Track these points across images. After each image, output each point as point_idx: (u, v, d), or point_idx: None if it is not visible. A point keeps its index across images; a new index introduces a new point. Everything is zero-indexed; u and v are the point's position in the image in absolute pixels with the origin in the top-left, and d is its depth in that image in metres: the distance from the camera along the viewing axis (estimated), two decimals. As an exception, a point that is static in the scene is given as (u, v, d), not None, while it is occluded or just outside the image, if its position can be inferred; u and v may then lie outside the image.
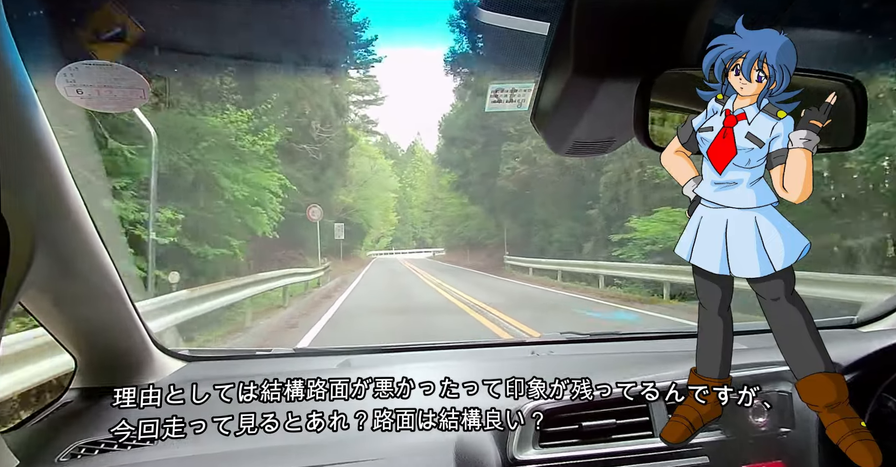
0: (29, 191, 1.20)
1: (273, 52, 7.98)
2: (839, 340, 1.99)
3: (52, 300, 1.44)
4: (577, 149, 1.32)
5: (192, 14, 4.39)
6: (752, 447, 1.43)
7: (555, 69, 1.13)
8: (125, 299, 1.59)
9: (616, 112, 1.13)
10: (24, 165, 1.17)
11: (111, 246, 1.50)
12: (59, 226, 1.31)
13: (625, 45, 1.04)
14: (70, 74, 1.54)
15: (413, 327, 9.23)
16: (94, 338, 1.63)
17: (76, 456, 1.37)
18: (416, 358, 2.16)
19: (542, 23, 1.32)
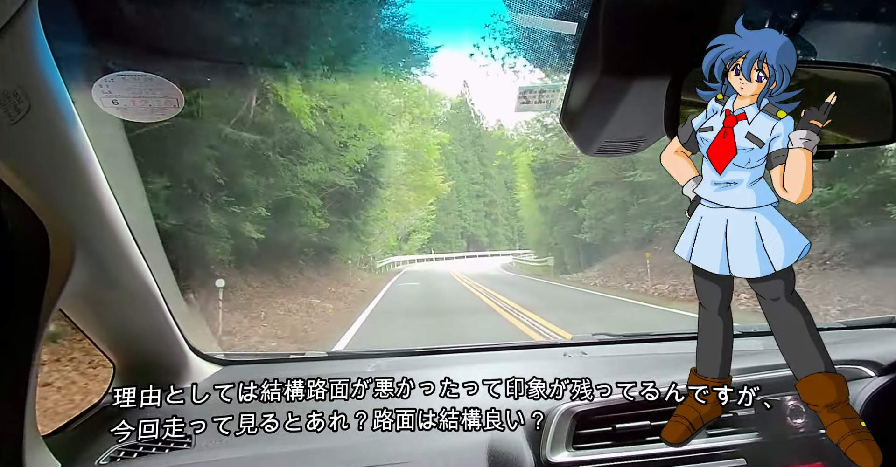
0: (68, 201, 1.24)
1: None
2: (880, 339, 1.94)
3: (91, 307, 1.48)
4: (606, 148, 1.32)
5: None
6: (790, 448, 1.41)
7: (584, 69, 1.13)
8: (162, 305, 1.63)
9: (646, 110, 1.13)
10: (63, 175, 1.21)
11: (148, 252, 1.53)
12: (98, 235, 1.34)
13: (654, 44, 1.04)
14: (106, 85, 1.57)
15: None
16: (132, 343, 1.67)
17: (115, 460, 1.41)
18: (449, 361, 2.16)
19: (570, 23, 1.31)
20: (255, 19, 7.29)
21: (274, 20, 7.72)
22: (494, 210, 32.32)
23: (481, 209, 32.11)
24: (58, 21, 1.13)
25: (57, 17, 1.14)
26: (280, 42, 8.14)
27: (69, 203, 1.25)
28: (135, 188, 2.02)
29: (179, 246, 9.40)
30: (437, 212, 27.66)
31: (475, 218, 31.73)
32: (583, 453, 1.38)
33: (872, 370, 1.59)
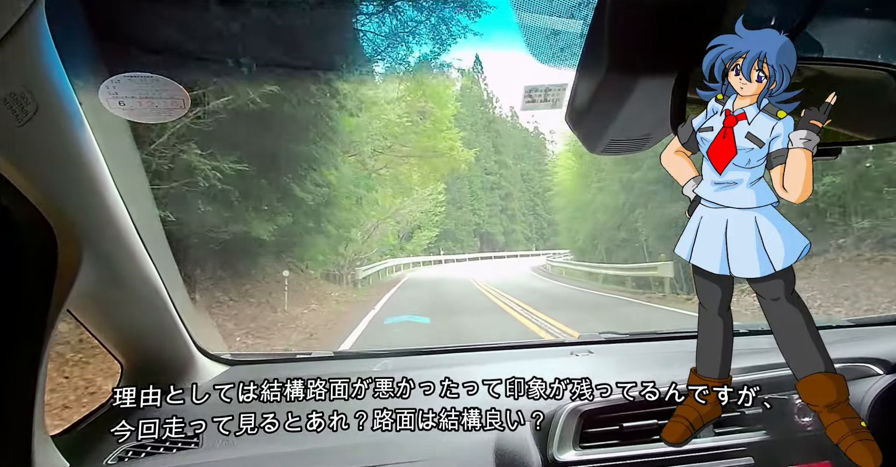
0: (75, 202, 1.24)
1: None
2: (888, 337, 1.93)
3: (99, 307, 1.49)
4: (611, 147, 1.32)
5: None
6: (797, 447, 1.40)
7: (589, 67, 1.12)
8: (169, 305, 1.63)
9: (652, 108, 1.13)
10: (70, 176, 1.21)
11: (155, 252, 1.53)
12: (105, 235, 1.35)
13: (660, 41, 1.04)
14: (113, 86, 1.58)
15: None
16: (140, 343, 1.68)
17: (123, 459, 1.41)
18: (455, 361, 2.16)
19: (576, 21, 1.31)
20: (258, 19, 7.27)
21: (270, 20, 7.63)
22: (511, 204, 27.86)
23: (497, 203, 27.14)
24: (64, 23, 1.14)
25: (63, 19, 1.14)
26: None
27: (76, 204, 1.25)
28: (141, 188, 2.03)
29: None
30: (448, 206, 22.02)
31: (490, 213, 26.38)
32: (590, 452, 1.38)
33: (881, 368, 1.59)
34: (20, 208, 1.16)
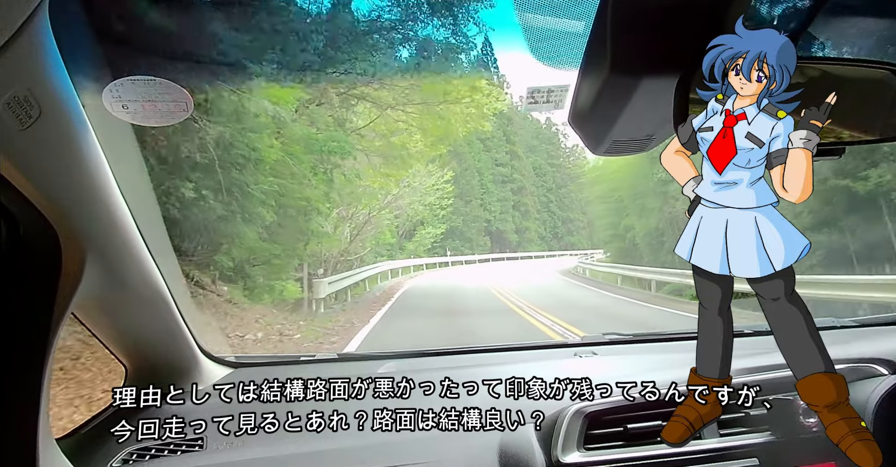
0: (78, 205, 1.25)
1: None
2: (894, 337, 1.92)
3: (103, 310, 1.50)
4: (615, 148, 1.32)
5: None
6: (803, 448, 1.39)
7: (591, 68, 1.12)
8: (173, 308, 1.64)
9: (655, 109, 1.13)
10: (73, 180, 1.22)
11: (158, 255, 1.54)
12: (109, 239, 1.35)
13: (662, 42, 1.04)
14: (116, 90, 1.59)
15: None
16: (144, 346, 1.68)
17: (128, 462, 1.42)
18: (459, 362, 2.15)
19: (578, 22, 1.31)
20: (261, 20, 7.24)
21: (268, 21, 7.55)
22: (524, 199, 25.40)
23: (509, 198, 24.67)
24: (68, 27, 1.14)
25: (67, 23, 1.14)
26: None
27: (80, 207, 1.26)
28: (145, 192, 2.03)
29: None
30: (455, 200, 18.76)
31: (501, 209, 23.87)
32: (594, 453, 1.38)
33: (886, 368, 1.58)
34: (24, 212, 1.16)
